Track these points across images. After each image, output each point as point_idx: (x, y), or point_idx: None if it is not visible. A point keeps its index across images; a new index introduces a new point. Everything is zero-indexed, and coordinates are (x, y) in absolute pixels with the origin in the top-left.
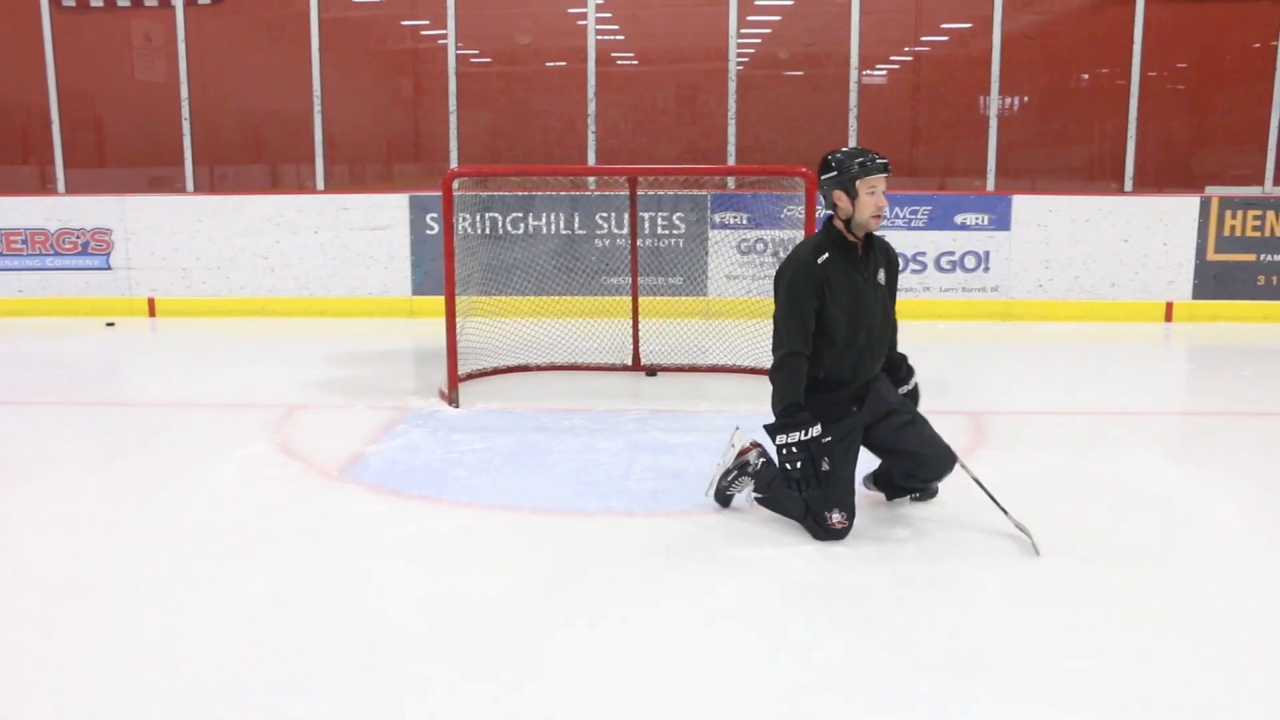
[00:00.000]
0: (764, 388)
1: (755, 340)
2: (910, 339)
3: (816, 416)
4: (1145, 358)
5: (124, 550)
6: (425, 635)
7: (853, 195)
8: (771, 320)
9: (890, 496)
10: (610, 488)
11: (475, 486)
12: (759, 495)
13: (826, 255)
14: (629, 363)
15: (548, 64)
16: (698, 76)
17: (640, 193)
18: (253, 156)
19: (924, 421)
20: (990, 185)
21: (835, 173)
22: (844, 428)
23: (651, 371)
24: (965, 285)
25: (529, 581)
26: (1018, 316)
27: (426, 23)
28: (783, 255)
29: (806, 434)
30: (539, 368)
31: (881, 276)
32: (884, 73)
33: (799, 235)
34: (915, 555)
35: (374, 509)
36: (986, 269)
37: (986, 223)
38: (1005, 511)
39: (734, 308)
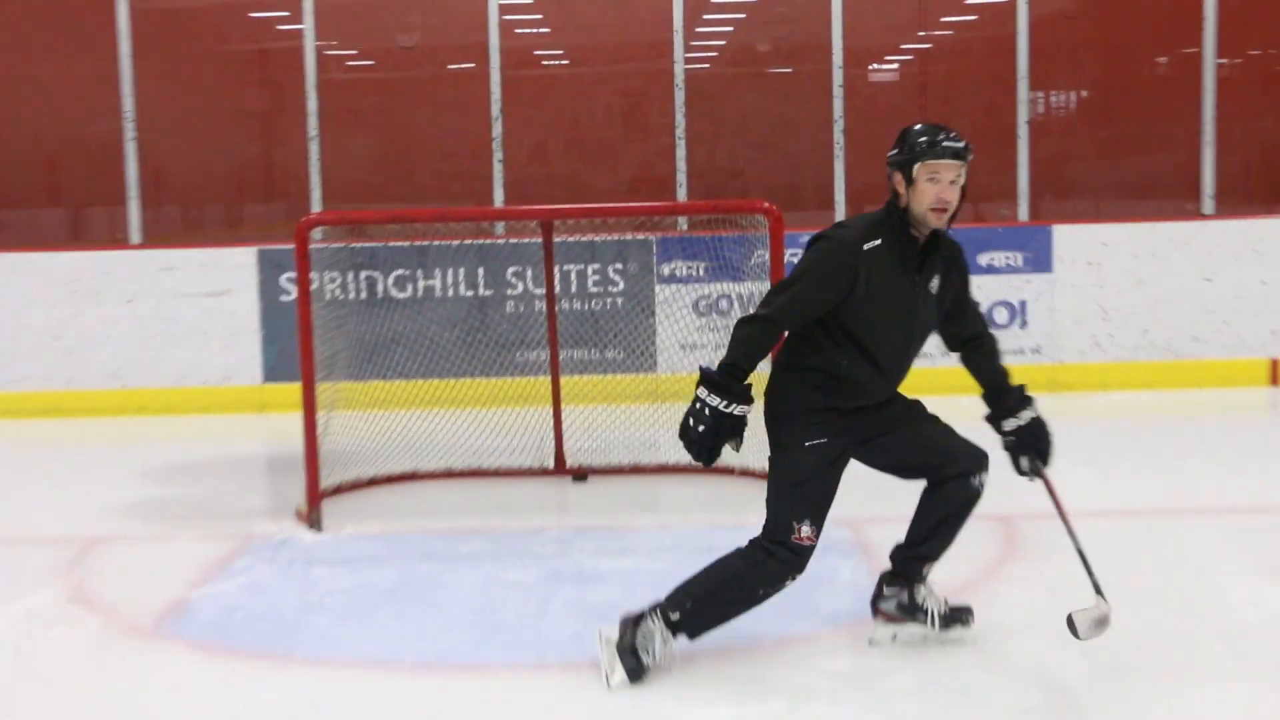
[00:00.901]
0: (731, 492)
1: None
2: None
3: (817, 419)
4: (1242, 435)
5: None
6: None
7: (909, 180)
8: None
9: (910, 573)
10: (519, 632)
11: (339, 638)
12: (682, 622)
13: (877, 243)
14: (550, 465)
15: (449, 67)
16: (647, 80)
17: (562, 239)
18: (44, 198)
19: (943, 424)
20: (1023, 213)
21: (897, 150)
22: (838, 431)
23: (580, 475)
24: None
25: None
26: (1067, 386)
27: (285, 14)
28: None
29: (728, 406)
30: (431, 475)
31: (934, 285)
32: (892, 69)
33: (765, 288)
34: (917, 715)
35: (199, 674)
36: (1023, 324)
37: (1021, 263)
38: (1094, 580)
39: (691, 387)
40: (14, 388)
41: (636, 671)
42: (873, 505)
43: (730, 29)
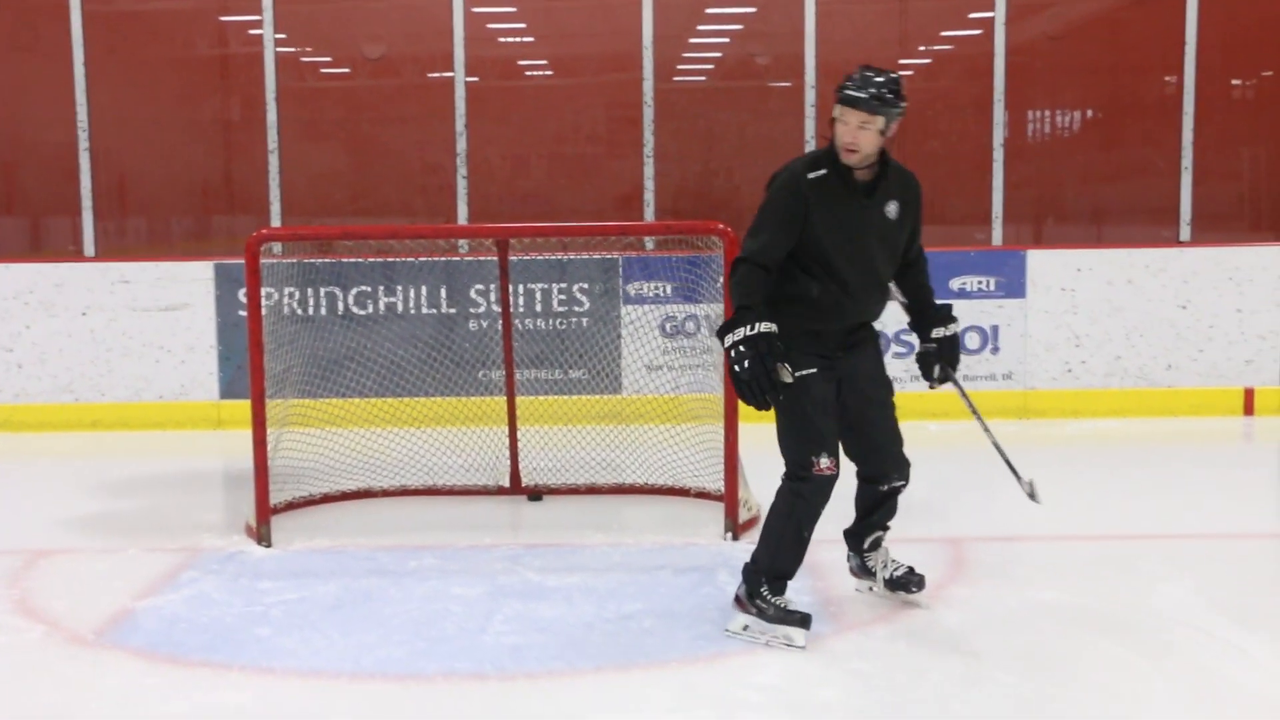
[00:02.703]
0: (686, 513)
1: (682, 451)
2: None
3: (802, 346)
4: (1213, 464)
5: None
6: None
7: (833, 118)
8: (702, 424)
9: (853, 545)
10: (460, 644)
11: (280, 648)
12: (761, 585)
13: (822, 173)
14: (506, 484)
15: (419, 77)
16: (621, 94)
17: (525, 257)
18: (1, 207)
19: (893, 414)
20: (997, 238)
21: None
22: (825, 365)
23: (535, 495)
24: (966, 372)
25: None
26: (1039, 413)
27: (248, 19)
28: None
29: (753, 328)
30: (384, 493)
31: (892, 210)
32: None
33: (720, 311)
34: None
35: (140, 681)
36: (995, 350)
37: (993, 287)
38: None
39: (656, 409)
40: None
41: (801, 619)
42: (826, 528)
43: (706, 41)
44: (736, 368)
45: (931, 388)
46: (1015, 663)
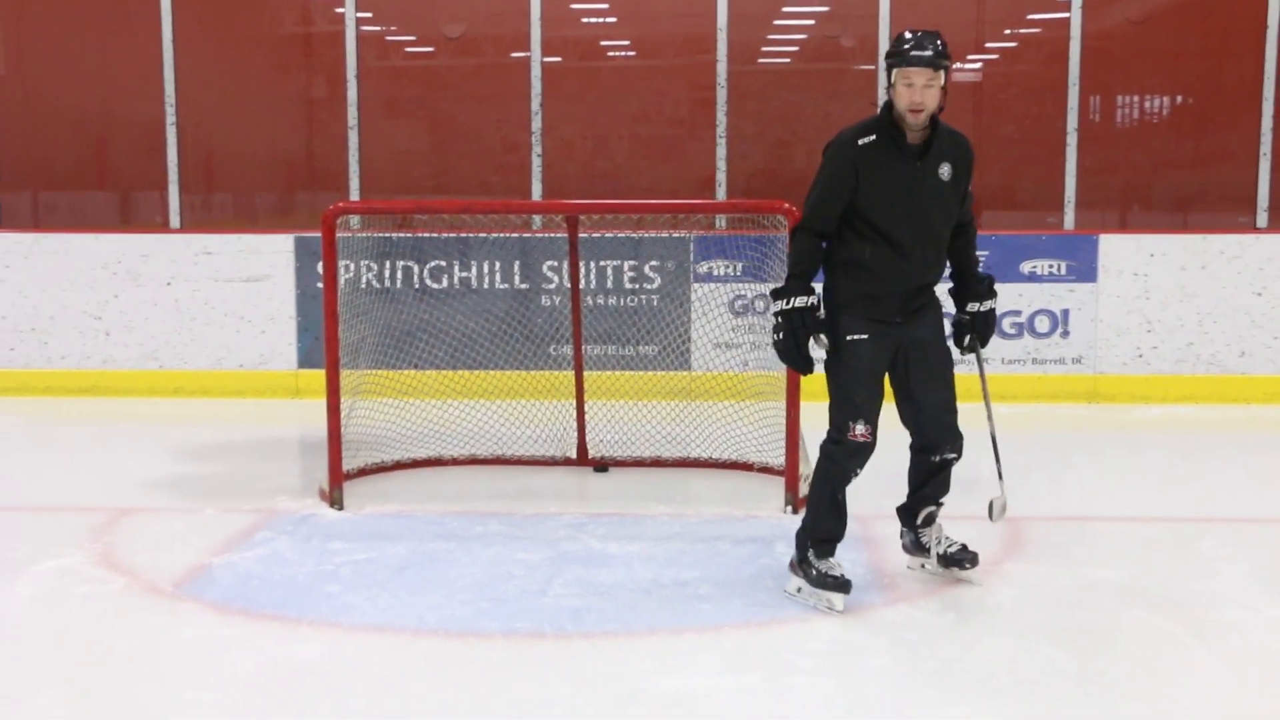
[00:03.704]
0: (749, 487)
1: (746, 428)
2: (962, 427)
3: (858, 310)
4: None
5: None
6: None
7: (890, 82)
8: (766, 401)
9: (907, 520)
10: (520, 605)
11: (348, 605)
12: (808, 547)
13: (873, 138)
14: (573, 455)
15: (512, 55)
16: (708, 75)
17: (597, 234)
18: (92, 180)
19: (950, 386)
20: (1069, 222)
21: (888, 54)
22: (881, 332)
23: (601, 466)
24: (1036, 355)
25: (392, 715)
26: (1109, 398)
27: None
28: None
29: (789, 303)
30: (454, 462)
31: (945, 172)
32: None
33: None
34: (886, 694)
35: (213, 632)
36: (1065, 334)
37: (1064, 271)
38: (1000, 477)
39: (723, 386)
40: (52, 365)
41: (840, 584)
42: (883, 502)
43: (787, 24)
44: (776, 337)
45: (962, 354)
46: (1064, 637)
